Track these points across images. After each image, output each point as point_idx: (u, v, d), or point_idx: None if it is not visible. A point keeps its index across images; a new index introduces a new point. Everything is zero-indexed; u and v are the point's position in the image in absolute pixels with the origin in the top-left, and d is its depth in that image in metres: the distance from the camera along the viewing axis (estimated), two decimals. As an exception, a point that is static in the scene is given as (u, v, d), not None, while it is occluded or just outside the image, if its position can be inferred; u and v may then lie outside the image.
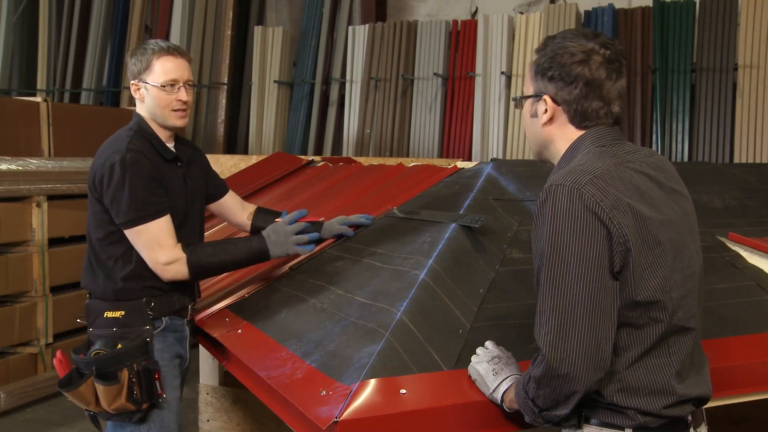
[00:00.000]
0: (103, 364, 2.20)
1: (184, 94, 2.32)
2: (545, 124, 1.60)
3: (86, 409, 2.29)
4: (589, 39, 1.54)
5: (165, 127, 2.37)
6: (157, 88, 2.30)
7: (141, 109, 2.37)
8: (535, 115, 1.62)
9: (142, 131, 2.33)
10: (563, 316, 1.41)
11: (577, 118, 1.57)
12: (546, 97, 1.58)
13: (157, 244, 2.25)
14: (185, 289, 2.42)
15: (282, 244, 2.36)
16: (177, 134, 2.46)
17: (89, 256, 2.37)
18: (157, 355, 2.32)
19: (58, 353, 2.35)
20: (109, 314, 2.30)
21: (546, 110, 1.58)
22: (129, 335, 2.28)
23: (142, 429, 2.29)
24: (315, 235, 2.43)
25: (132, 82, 2.35)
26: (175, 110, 2.33)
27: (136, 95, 2.35)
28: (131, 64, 2.34)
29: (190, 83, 2.37)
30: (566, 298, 1.41)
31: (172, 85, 2.31)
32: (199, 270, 2.31)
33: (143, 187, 2.23)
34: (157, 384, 2.27)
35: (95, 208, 2.32)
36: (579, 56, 1.52)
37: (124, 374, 2.20)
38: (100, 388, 2.19)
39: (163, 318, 2.35)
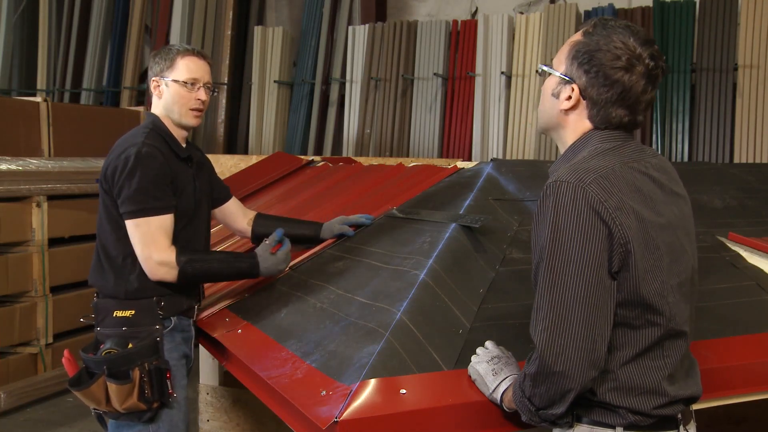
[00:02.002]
0: (115, 363, 2.19)
1: (203, 94, 2.40)
2: (564, 110, 1.55)
3: (94, 409, 2.29)
4: (640, 43, 1.47)
5: (179, 126, 2.40)
6: (178, 85, 2.36)
7: (157, 107, 2.41)
8: (556, 96, 1.56)
9: (158, 128, 2.36)
10: (559, 313, 1.41)
11: (598, 119, 1.52)
12: (575, 86, 1.52)
13: (152, 240, 2.24)
14: (192, 289, 2.44)
15: (273, 264, 2.40)
16: (187, 137, 2.49)
17: (98, 253, 2.36)
18: (167, 354, 2.31)
19: (66, 352, 2.34)
20: (119, 313, 2.29)
21: (569, 97, 1.53)
22: (139, 334, 2.27)
23: (151, 428, 2.29)
24: (286, 245, 2.44)
25: (153, 78, 2.41)
26: (192, 109, 2.38)
27: (155, 92, 2.41)
28: (154, 63, 2.40)
29: (209, 86, 2.44)
30: (563, 295, 1.40)
31: (193, 84, 2.38)
32: (187, 277, 2.31)
33: (152, 181, 2.25)
34: (168, 383, 2.27)
35: (108, 202, 2.32)
36: (623, 62, 1.46)
37: (136, 373, 2.19)
38: (112, 387, 2.18)
39: (172, 318, 2.36)
